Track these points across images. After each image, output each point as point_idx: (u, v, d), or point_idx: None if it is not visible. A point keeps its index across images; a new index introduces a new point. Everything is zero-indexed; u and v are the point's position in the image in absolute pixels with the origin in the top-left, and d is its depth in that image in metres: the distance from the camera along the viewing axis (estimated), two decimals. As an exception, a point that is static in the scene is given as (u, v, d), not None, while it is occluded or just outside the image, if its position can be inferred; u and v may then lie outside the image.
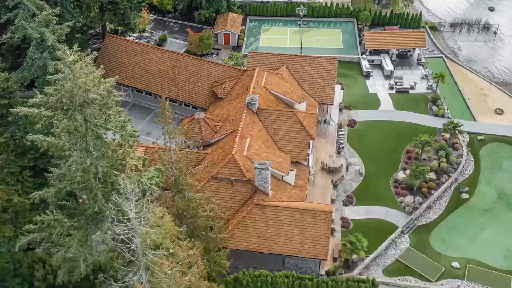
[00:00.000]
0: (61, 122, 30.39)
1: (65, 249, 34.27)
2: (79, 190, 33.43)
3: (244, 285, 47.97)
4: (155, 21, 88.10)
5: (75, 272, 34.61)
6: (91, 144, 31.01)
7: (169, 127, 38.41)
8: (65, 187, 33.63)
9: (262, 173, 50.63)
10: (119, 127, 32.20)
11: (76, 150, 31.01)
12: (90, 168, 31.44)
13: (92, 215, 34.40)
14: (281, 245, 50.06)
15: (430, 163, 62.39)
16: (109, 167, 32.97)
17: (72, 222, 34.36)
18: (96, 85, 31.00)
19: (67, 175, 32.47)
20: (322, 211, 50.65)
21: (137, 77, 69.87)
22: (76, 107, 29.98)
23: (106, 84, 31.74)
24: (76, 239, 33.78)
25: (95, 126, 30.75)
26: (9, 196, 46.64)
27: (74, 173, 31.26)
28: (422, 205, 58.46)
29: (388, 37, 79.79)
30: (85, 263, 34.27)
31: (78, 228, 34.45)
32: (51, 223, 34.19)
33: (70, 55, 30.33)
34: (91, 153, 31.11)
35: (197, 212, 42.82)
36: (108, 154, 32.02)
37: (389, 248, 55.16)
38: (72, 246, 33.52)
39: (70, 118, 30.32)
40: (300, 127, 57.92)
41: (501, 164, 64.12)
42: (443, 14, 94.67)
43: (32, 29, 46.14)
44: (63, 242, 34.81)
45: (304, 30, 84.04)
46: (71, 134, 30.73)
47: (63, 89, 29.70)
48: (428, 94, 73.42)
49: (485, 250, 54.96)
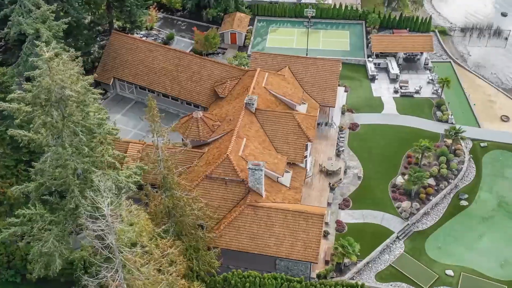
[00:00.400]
0: (39, 118, 30.70)
1: (42, 243, 34.62)
2: (58, 185, 33.72)
3: (232, 285, 47.99)
4: (163, 19, 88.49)
5: (51, 267, 34.95)
6: (67, 140, 31.26)
7: (156, 125, 38.55)
8: (45, 182, 33.95)
9: (255, 174, 50.57)
10: (97, 124, 32.38)
11: (51, 146, 31.28)
12: (67, 164, 31.70)
13: (70, 210, 34.69)
14: (272, 246, 49.96)
15: (430, 168, 61.72)
16: (90, 164, 33.20)
17: (53, 217, 34.69)
18: (74, 82, 31.21)
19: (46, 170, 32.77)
20: (314, 214, 50.41)
21: (141, 74, 70.30)
22: (52, 104, 30.24)
23: (83, 82, 31.94)
24: (53, 234, 34.09)
25: (72, 123, 30.99)
26: (4, 189, 47.32)
27: (49, 168, 31.53)
28: (419, 211, 57.87)
29: (395, 41, 79.08)
30: (61, 258, 34.56)
31: (57, 223, 34.75)
32: (33, 217, 34.55)
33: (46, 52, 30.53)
34: (66, 150, 31.37)
35: (185, 211, 42.93)
36: (85, 151, 32.24)
37: (383, 253, 54.72)
38: (48, 240, 33.83)
39: (47, 114, 30.61)
40: (298, 129, 57.73)
41: (503, 172, 63.16)
42: (454, 18, 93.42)
43: (28, 25, 46.68)
44: (41, 236, 35.18)
45: (312, 32, 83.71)
46: (47, 130, 31.02)
47: (40, 85, 29.98)
48: (433, 99, 72.58)
49: (481, 258, 54.23)
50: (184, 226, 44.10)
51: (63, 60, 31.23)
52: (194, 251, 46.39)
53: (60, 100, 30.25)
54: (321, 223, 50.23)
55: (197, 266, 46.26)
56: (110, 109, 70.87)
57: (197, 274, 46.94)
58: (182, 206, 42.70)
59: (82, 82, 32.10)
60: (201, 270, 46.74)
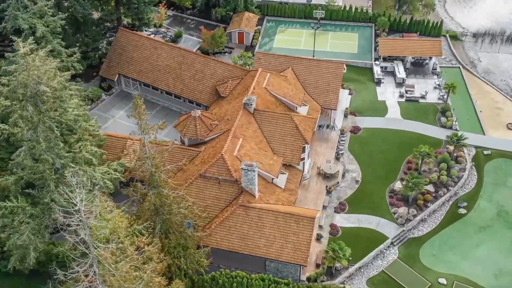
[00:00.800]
0: (16, 112, 31.11)
1: (17, 235, 35.05)
2: (36, 179, 34.10)
3: (220, 284, 48.01)
4: (173, 17, 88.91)
5: (27, 259, 35.36)
6: (42, 135, 31.59)
7: (143, 122, 38.73)
8: (24, 175, 34.34)
9: (248, 175, 50.51)
10: (72, 120, 32.65)
11: (26, 140, 31.66)
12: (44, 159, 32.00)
13: (46, 204, 35.05)
14: (261, 247, 49.85)
15: (430, 175, 60.99)
16: (70, 159, 33.50)
17: (33, 211, 35.10)
18: (50, 78, 31.51)
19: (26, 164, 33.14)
20: (305, 217, 50.16)
21: (145, 71, 70.73)
22: (28, 99, 30.60)
23: (60, 78, 32.22)
24: (30, 227, 34.48)
25: (48, 118, 31.28)
26: (-1, 181, 47.86)
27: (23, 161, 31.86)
28: (416, 217, 57.21)
29: (403, 44, 78.24)
30: (36, 251, 34.95)
31: (35, 216, 35.17)
32: (14, 209, 34.97)
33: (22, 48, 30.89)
34: (40, 144, 31.70)
35: (171, 209, 43.06)
36: (60, 146, 32.53)
37: (376, 258, 54.25)
38: (24, 233, 34.23)
39: (23, 108, 30.98)
40: (296, 131, 57.50)
41: (505, 181, 62.12)
42: (467, 23, 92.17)
43: (24, 20, 47.26)
44: (18, 229, 35.62)
45: (321, 33, 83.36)
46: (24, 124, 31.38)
47: (17, 80, 30.35)
48: (439, 104, 71.67)
49: (476, 268, 53.46)
50: (171, 224, 44.21)
51: (39, 56, 31.57)
52: (183, 249, 46.51)
53: (35, 95, 30.62)
54: (311, 226, 49.95)
55: (184, 264, 46.36)
56: (114, 105, 71.68)
57: (185, 272, 47.08)
58: (169, 204, 42.80)
59: (58, 78, 32.38)
60: (189, 268, 46.81)
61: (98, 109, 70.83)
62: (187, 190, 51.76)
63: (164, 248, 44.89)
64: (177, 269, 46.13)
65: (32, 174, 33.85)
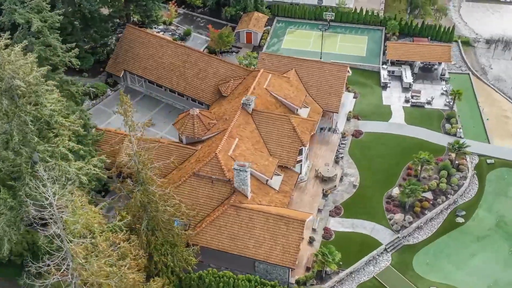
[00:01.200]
0: (-10, 106, 31.56)
1: (-8, 226, 35.58)
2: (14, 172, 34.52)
3: (206, 283, 48.06)
4: (183, 15, 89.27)
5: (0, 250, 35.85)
6: (15, 129, 31.97)
7: (128, 119, 38.93)
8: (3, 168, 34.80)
9: (240, 175, 50.46)
10: (48, 115, 32.95)
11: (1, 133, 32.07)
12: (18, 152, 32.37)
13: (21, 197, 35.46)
14: (251, 248, 49.75)
15: (429, 182, 60.18)
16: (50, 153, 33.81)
17: (12, 203, 35.57)
18: (26, 72, 31.84)
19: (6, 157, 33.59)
20: (295, 219, 49.92)
21: (150, 68, 71.14)
22: (3, 93, 30.98)
23: (36, 73, 32.53)
24: (5, 219, 34.94)
25: (24, 112, 31.63)
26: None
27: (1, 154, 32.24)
28: (411, 224, 56.49)
29: (412, 49, 77.33)
30: (10, 243, 35.39)
31: (13, 208, 35.64)
32: (-5, 201, 35.52)
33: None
34: (13, 138, 32.09)
35: (157, 206, 43.21)
36: (34, 140, 32.88)
37: (368, 264, 53.71)
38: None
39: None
40: (293, 133, 57.26)
41: (507, 191, 60.93)
42: (481, 29, 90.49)
43: (20, 14, 47.89)
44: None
45: (330, 35, 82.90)
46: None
47: (-8, 74, 30.77)
48: (444, 110, 70.64)
49: (469, 278, 52.56)
50: (158, 221, 44.37)
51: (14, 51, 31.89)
52: (170, 246, 46.66)
53: (9, 89, 31.01)
54: (301, 228, 49.67)
55: (172, 261, 46.49)
56: (118, 101, 71.80)
57: (172, 270, 47.23)
58: (155, 202, 42.97)
59: (34, 73, 32.71)
60: (176, 266, 46.95)
61: (102, 104, 71.50)
62: (180, 188, 52.13)
63: (150, 245, 45.15)
64: (163, 266, 46.30)
65: (11, 167, 34.35)
